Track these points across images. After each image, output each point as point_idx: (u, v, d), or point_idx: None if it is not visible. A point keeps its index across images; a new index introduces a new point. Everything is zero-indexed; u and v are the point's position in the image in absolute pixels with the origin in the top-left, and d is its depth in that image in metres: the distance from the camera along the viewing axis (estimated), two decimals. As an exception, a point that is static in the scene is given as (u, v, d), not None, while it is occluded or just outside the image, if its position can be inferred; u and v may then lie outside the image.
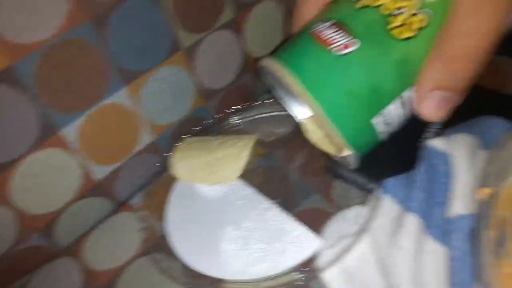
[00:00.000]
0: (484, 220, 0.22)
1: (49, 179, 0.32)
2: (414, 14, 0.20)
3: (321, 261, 0.28)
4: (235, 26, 0.37)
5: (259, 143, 0.36)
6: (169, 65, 0.35)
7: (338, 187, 0.33)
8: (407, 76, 0.21)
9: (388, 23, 0.20)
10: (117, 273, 0.32)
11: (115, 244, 0.34)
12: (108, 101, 0.33)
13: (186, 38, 0.35)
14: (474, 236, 0.23)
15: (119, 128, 0.35)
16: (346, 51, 0.20)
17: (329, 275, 0.28)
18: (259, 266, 0.29)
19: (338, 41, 0.20)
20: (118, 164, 0.36)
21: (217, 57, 0.38)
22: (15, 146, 0.30)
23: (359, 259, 0.28)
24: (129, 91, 0.34)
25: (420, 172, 0.28)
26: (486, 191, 0.22)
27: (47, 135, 0.31)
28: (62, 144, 0.32)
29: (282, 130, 0.38)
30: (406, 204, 0.28)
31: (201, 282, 0.29)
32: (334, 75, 0.20)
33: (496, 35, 0.19)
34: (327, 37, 0.21)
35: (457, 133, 0.28)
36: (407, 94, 0.21)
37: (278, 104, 0.34)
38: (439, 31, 0.20)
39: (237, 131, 0.39)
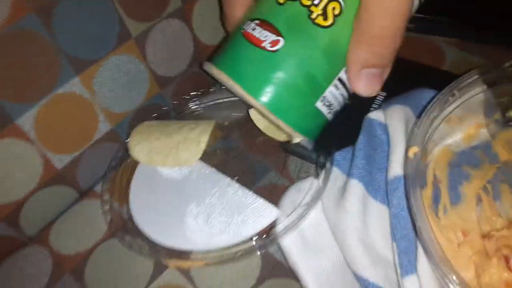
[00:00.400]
0: (417, 178, 0.25)
1: (9, 169, 0.32)
2: (330, 1, 0.21)
3: (278, 229, 0.30)
4: (183, 14, 0.38)
5: (217, 127, 0.38)
6: (120, 53, 0.35)
7: (292, 162, 0.35)
8: (336, 59, 0.22)
9: (310, 13, 0.21)
10: (86, 256, 0.33)
11: (81, 229, 0.34)
12: (61, 90, 0.33)
13: (135, 27, 0.35)
14: (410, 192, 0.26)
15: (76, 117, 0.35)
16: (276, 48, 0.22)
17: (287, 241, 0.30)
18: (222, 237, 0.31)
19: (267, 39, 0.22)
20: (78, 152, 0.36)
21: (167, 45, 0.39)
22: (-30, 138, 0.30)
23: (313, 225, 0.31)
24: (82, 80, 0.34)
25: (361, 142, 0.31)
26: (415, 149, 0.25)
27: (2, 125, 0.31)
28: (19, 134, 0.32)
29: (238, 114, 0.40)
30: (349, 172, 0.30)
31: (169, 255, 0.30)
32: (268, 72, 0.22)
33: (408, 11, 0.21)
34: (256, 37, 0.22)
35: (393, 104, 0.31)
36: (341, 74, 0.23)
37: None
38: (355, 16, 0.22)
39: (195, 117, 0.40)
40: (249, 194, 0.33)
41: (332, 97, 0.23)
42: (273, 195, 0.33)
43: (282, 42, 0.22)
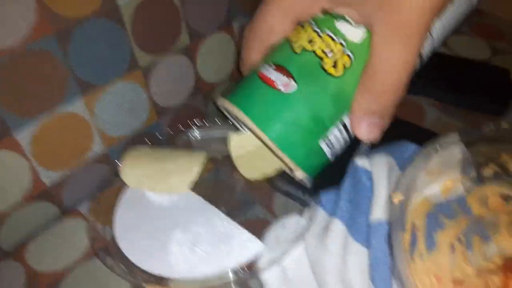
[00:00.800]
0: (399, 223, 0.26)
1: (-1, 180, 0.32)
2: (342, 55, 0.24)
3: (261, 263, 0.31)
4: (190, 52, 0.41)
5: (209, 159, 0.39)
6: (126, 81, 0.37)
7: (278, 199, 0.37)
8: (342, 105, 0.25)
9: (323, 63, 0.24)
10: (62, 274, 0.32)
11: (60, 247, 0.34)
12: (63, 109, 0.34)
13: (144, 58, 0.37)
14: (390, 237, 0.28)
15: (72, 136, 0.36)
16: (288, 90, 0.24)
17: (268, 275, 0.30)
18: (205, 266, 0.31)
19: (280, 82, 0.24)
20: (69, 171, 0.36)
21: (171, 78, 0.41)
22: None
23: (295, 261, 0.31)
24: (86, 102, 0.35)
25: (346, 186, 0.32)
26: (399, 195, 0.26)
27: (1, 136, 0.31)
28: (15, 147, 0.32)
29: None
30: (333, 213, 0.32)
31: (149, 280, 0.30)
32: (279, 110, 0.24)
33: (411, 67, 0.23)
34: (271, 79, 0.25)
35: (378, 153, 0.33)
36: (345, 120, 0.25)
37: (225, 126, 0.38)
38: (363, 68, 0.24)
39: (188, 148, 0.42)
40: (235, 225, 0.34)
41: (335, 139, 0.25)
42: (258, 229, 0.34)
43: (294, 85, 0.24)
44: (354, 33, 0.24)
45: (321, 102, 0.24)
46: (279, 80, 0.24)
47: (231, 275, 0.30)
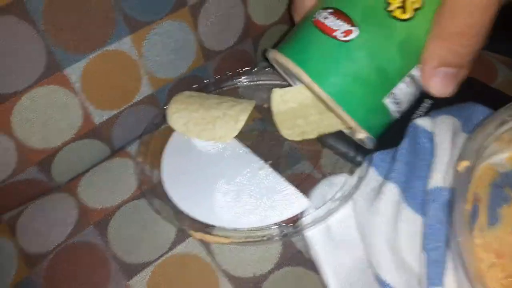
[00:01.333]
0: (461, 193, 0.24)
1: (51, 115, 0.32)
2: None
3: (306, 220, 0.30)
4: (241, -10, 0.38)
5: (256, 108, 0.38)
6: (174, 19, 0.35)
7: (327, 156, 0.35)
8: (411, 55, 0.22)
9: (387, 5, 0.21)
10: (111, 212, 0.33)
11: (110, 186, 0.34)
12: (112, 47, 0.33)
13: (192, -5, 0.35)
14: (450, 207, 0.26)
15: (120, 76, 0.35)
16: (349, 37, 0.21)
17: (313, 233, 0.30)
18: (248, 218, 0.31)
19: (340, 29, 0.21)
20: (117, 111, 0.36)
21: (220, 18, 0.38)
22: (20, 78, 0.30)
23: (340, 221, 0.31)
24: (133, 40, 0.34)
25: (404, 147, 0.30)
26: (465, 164, 0.24)
27: (51, 71, 0.31)
28: (65, 83, 0.32)
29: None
30: (387, 175, 0.30)
31: (193, 226, 0.30)
32: (338, 62, 0.21)
33: (495, 9, 0.20)
34: (328, 26, 0.21)
35: (443, 114, 0.30)
36: (414, 71, 0.22)
37: (274, 73, 0.36)
38: (436, 11, 0.21)
39: (234, 95, 0.40)
40: (281, 180, 0.33)
41: (402, 94, 0.23)
42: (304, 186, 0.33)
43: (356, 32, 0.21)
44: None
45: (386, 52, 0.21)
46: (338, 27, 0.21)
47: (274, 229, 0.30)
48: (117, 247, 0.31)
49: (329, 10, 0.22)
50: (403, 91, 0.22)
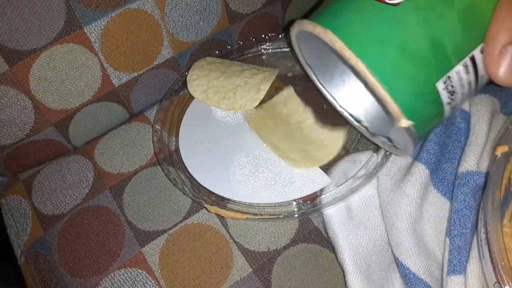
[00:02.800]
0: (496, 179, 0.23)
1: (69, 75, 0.32)
2: None
3: (326, 198, 0.29)
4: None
5: (278, 77, 0.36)
6: (199, -22, 0.34)
7: (351, 132, 0.33)
8: (474, 30, 0.17)
9: None
10: (127, 177, 0.33)
11: (127, 151, 0.34)
12: (134, 5, 0.32)
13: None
14: (481, 192, 0.24)
15: (142, 36, 0.34)
16: (398, 0, 0.17)
17: (331, 211, 0.29)
18: (265, 193, 0.30)
19: None
20: (136, 73, 0.35)
21: (248, -21, 0.36)
22: (39, 35, 0.29)
23: (362, 199, 0.29)
24: (156, -1, 0.32)
25: (437, 127, 0.28)
26: (503, 149, 0.22)
27: (71, 29, 0.30)
28: (85, 42, 0.31)
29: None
30: (417, 155, 0.28)
31: (208, 198, 0.30)
32: (382, 27, 0.17)
33: None
34: None
35: (480, 93, 0.28)
36: (475, 52, 0.17)
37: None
38: None
39: (257, 62, 0.39)
40: None
41: (458, 80, 0.18)
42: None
43: None
44: None
45: (444, 20, 0.17)
46: None
47: (292, 206, 0.29)
48: (131, 213, 0.31)
49: None
50: (460, 76, 0.18)
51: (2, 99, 0.30)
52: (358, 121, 0.26)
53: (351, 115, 0.26)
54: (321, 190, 0.30)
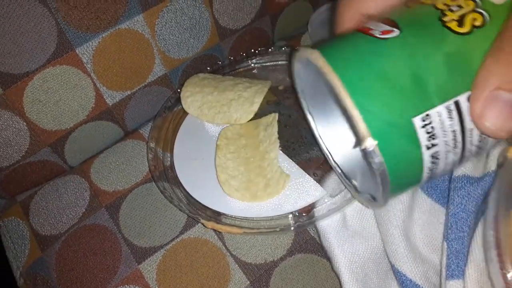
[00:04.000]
0: (503, 182, 0.23)
1: (62, 96, 0.32)
2: (473, 11, 0.17)
3: (321, 210, 0.29)
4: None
5: (271, 90, 0.36)
6: (188, -5, 0.34)
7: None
8: (460, 75, 0.17)
9: (443, 15, 0.17)
10: (123, 194, 0.33)
11: (122, 168, 0.34)
12: (124, 25, 0.32)
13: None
14: (481, 197, 0.24)
15: (133, 55, 0.34)
16: (386, 36, 0.17)
17: (327, 223, 0.29)
18: (260, 206, 0.30)
19: (378, 29, 0.18)
20: (129, 92, 0.36)
21: (236, -5, 0.37)
22: (32, 58, 0.30)
23: (356, 209, 0.29)
24: (146, 18, 0.33)
25: None
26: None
27: (63, 51, 0.30)
28: (77, 63, 0.32)
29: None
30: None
31: (203, 213, 0.30)
32: (367, 55, 0.17)
33: None
34: (367, 26, 0.18)
35: None
36: (461, 98, 0.17)
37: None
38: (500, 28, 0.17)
39: (249, 75, 0.39)
40: (295, 167, 0.32)
41: (439, 123, 0.17)
42: (320, 173, 0.31)
43: (396, 32, 0.17)
44: None
45: (429, 59, 0.17)
46: (378, 27, 0.18)
47: (288, 219, 0.29)
48: (128, 230, 0.31)
49: (374, 19, 0.19)
50: (441, 119, 0.17)
51: (-3, 123, 0.31)
52: (341, 169, 0.26)
53: (339, 166, 0.25)
54: (316, 202, 0.30)
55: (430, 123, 0.17)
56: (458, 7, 0.17)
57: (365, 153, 0.17)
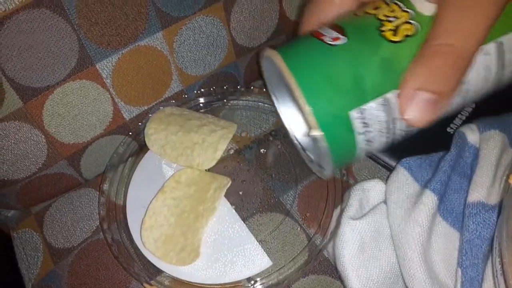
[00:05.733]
0: (509, 208, 0.22)
1: (81, 110, 0.33)
2: (406, 23, 0.21)
3: (341, 226, 0.29)
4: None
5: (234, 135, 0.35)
6: (207, 14, 0.35)
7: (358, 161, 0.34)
8: (391, 76, 0.21)
9: (381, 25, 0.21)
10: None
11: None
12: (143, 42, 0.33)
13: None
14: (496, 222, 0.24)
15: (151, 71, 0.35)
16: (335, 43, 0.21)
17: (344, 245, 0.28)
18: (207, 272, 0.29)
19: (329, 35, 0.22)
20: (146, 107, 0.36)
21: (253, 14, 0.38)
22: (52, 72, 0.30)
23: (375, 230, 0.29)
24: (165, 36, 0.34)
25: (450, 158, 0.28)
26: (517, 179, 0.22)
27: (83, 66, 0.31)
28: (97, 78, 0.32)
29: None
30: (427, 184, 0.28)
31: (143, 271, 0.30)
32: (317, 58, 0.21)
33: (479, 37, 0.19)
34: (321, 33, 0.22)
35: (490, 129, 0.28)
36: (390, 95, 0.21)
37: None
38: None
39: (218, 114, 0.38)
40: (245, 231, 0.31)
41: (372, 116, 0.21)
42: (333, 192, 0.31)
43: (343, 40, 0.21)
44: (425, 6, 0.21)
45: (367, 63, 0.21)
46: (329, 34, 0.22)
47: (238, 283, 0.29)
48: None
49: (329, 25, 0.23)
50: (374, 112, 0.21)
51: (16, 135, 0.31)
52: (300, 144, 0.28)
53: (296, 138, 0.28)
54: (262, 272, 0.29)
55: (365, 115, 0.21)
56: (395, 18, 0.21)
57: (313, 139, 0.22)
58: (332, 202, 0.32)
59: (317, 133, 0.22)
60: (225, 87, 0.38)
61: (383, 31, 0.21)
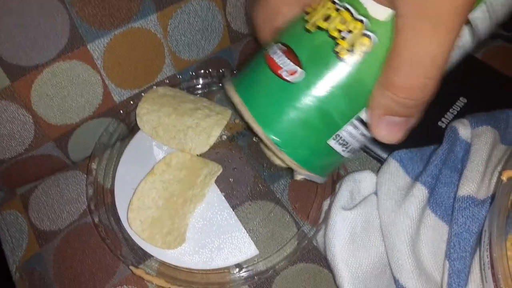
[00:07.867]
0: (501, 203, 0.23)
1: (70, 91, 0.32)
2: (362, 35, 0.19)
3: (331, 217, 0.29)
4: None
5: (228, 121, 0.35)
6: (202, -3, 0.34)
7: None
8: (358, 99, 0.20)
9: (336, 45, 0.20)
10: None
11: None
12: (137, 24, 0.32)
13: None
14: (485, 217, 0.24)
15: (144, 54, 0.34)
16: (293, 78, 0.20)
17: (334, 232, 0.28)
18: (192, 257, 0.29)
19: (285, 67, 0.20)
20: (137, 90, 0.35)
21: (250, -1, 0.37)
22: (42, 51, 0.29)
23: (366, 220, 0.29)
24: (159, 18, 0.33)
25: (442, 152, 0.29)
26: (509, 173, 0.22)
27: (74, 46, 0.30)
28: (87, 59, 0.31)
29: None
30: (418, 177, 0.28)
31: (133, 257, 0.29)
32: (282, 104, 0.21)
33: (445, 62, 0.18)
34: (278, 64, 0.21)
35: (482, 125, 0.29)
36: (362, 114, 0.21)
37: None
38: (387, 56, 0.19)
39: (212, 97, 0.37)
40: (234, 219, 0.31)
41: (349, 136, 0.22)
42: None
43: (300, 73, 0.20)
44: (379, 10, 0.19)
45: (330, 95, 0.20)
46: (286, 66, 0.21)
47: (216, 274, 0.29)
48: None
49: (279, 45, 0.21)
50: (350, 133, 0.22)
51: (2, 114, 0.30)
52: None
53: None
54: (248, 260, 0.29)
55: (342, 138, 0.22)
56: (349, 32, 0.19)
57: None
58: (322, 192, 0.32)
59: (302, 175, 0.23)
60: (221, 70, 0.37)
61: (339, 52, 0.20)
